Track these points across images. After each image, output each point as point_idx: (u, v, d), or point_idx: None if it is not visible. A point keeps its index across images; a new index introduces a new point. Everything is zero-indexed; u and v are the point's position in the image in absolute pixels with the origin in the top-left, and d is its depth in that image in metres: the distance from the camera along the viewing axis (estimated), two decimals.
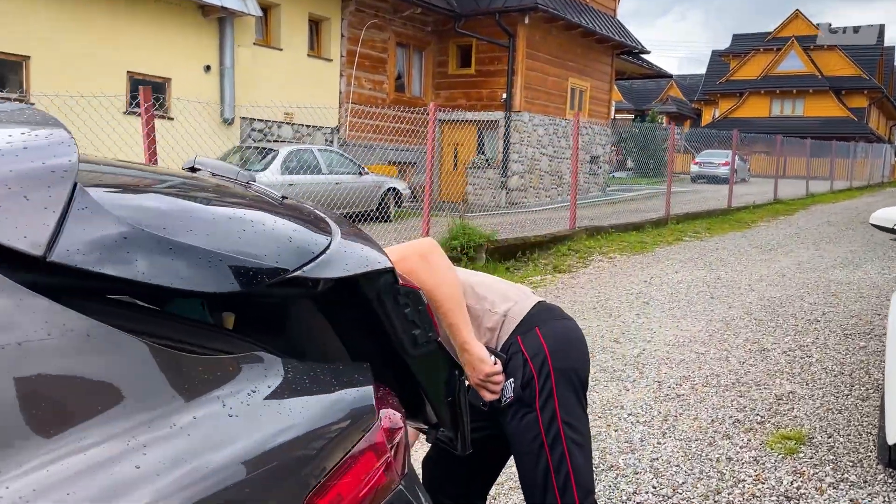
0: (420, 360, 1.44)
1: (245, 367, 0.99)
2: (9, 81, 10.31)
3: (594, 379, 4.68)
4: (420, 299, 1.35)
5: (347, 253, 1.21)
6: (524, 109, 17.35)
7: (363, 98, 15.97)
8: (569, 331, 2.06)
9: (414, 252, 1.86)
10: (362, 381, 1.15)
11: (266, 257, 1.06)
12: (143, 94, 5.28)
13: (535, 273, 8.51)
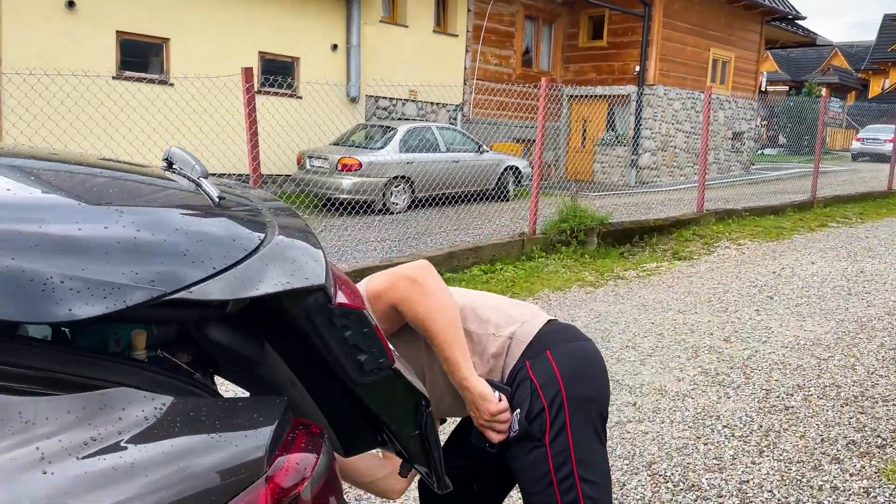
0: (372, 390, 1.27)
1: (88, 409, 0.86)
2: (151, 63, 10.98)
3: (691, 382, 4.30)
4: (364, 321, 1.18)
5: (267, 268, 1.06)
6: (658, 83, 16.45)
7: (488, 74, 15.74)
8: (586, 353, 1.81)
9: (402, 277, 1.67)
10: (261, 422, 1.00)
11: (136, 276, 0.92)
12: (244, 74, 5.38)
13: (651, 259, 8.03)
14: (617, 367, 4.55)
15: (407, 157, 10.88)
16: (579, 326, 5.29)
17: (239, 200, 1.31)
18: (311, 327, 1.14)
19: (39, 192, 1.12)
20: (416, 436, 1.40)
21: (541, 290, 6.64)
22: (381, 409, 1.34)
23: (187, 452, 0.89)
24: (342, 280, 1.29)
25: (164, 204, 1.20)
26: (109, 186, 1.22)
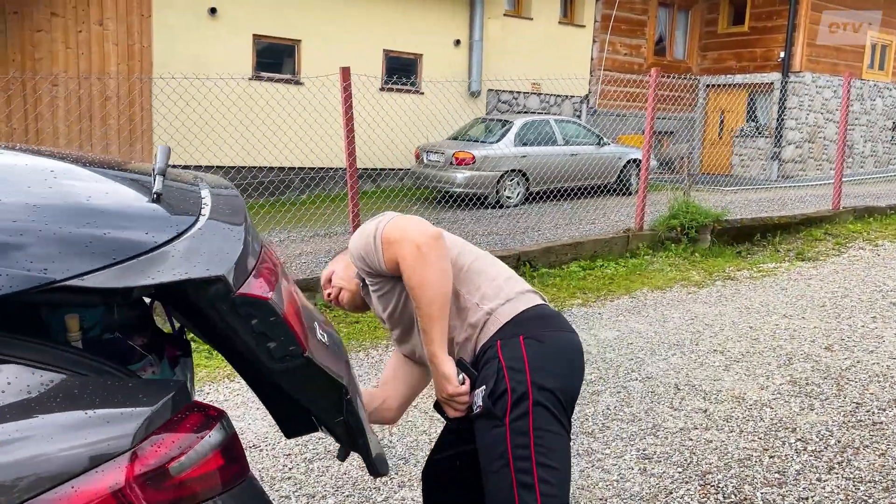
0: (286, 376, 1.35)
1: None
2: (284, 64, 11.66)
3: (775, 392, 4.06)
4: (269, 310, 1.26)
5: (172, 259, 1.16)
6: (806, 69, 15.32)
7: (617, 64, 15.34)
8: (560, 343, 1.81)
9: (411, 240, 1.72)
10: (142, 402, 1.11)
11: (29, 264, 1.06)
12: (342, 74, 5.62)
13: (771, 259, 7.55)
14: (697, 372, 4.37)
15: (521, 151, 10.86)
16: (670, 328, 5.17)
17: (182, 195, 1.38)
18: (217, 316, 1.24)
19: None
20: (340, 422, 1.48)
21: (639, 288, 6.46)
22: (300, 395, 1.42)
23: (54, 426, 1.02)
24: (267, 268, 1.37)
25: (90, 199, 1.30)
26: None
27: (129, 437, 1.05)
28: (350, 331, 5.21)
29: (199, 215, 1.28)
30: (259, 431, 3.64)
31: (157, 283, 1.13)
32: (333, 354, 1.48)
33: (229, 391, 4.17)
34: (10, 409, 1.01)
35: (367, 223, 1.87)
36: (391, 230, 1.77)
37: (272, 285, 1.31)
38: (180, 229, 1.20)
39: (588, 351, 4.76)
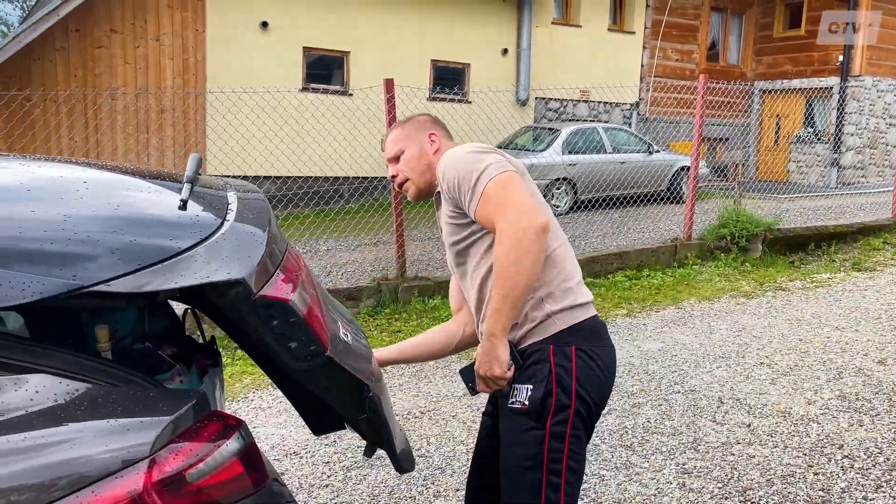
0: (308, 375, 1.38)
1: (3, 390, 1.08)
2: (333, 75, 11.86)
3: (823, 407, 3.94)
4: (290, 311, 1.29)
5: (195, 264, 1.21)
6: (866, 73, 14.85)
7: (668, 70, 15.13)
8: (605, 359, 1.87)
9: (518, 219, 1.67)
10: (162, 412, 1.16)
11: (59, 270, 1.12)
12: (386, 86, 5.71)
13: (825, 269, 7.33)
14: (742, 385, 4.28)
15: (570, 159, 10.79)
16: (716, 339, 5.08)
17: (209, 200, 1.42)
18: (239, 317, 1.29)
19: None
20: (364, 419, 1.51)
21: (687, 298, 6.35)
22: (323, 393, 1.46)
23: (77, 433, 1.08)
24: (289, 270, 1.40)
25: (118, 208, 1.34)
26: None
27: (149, 445, 1.10)
28: (392, 340, 5.26)
29: (223, 220, 1.32)
30: (300, 439, 3.71)
31: (180, 287, 1.18)
32: (357, 353, 1.50)
33: (272, 398, 4.26)
34: (36, 417, 1.07)
35: (465, 149, 1.83)
36: (499, 189, 1.71)
37: (294, 287, 1.34)
38: (204, 234, 1.25)
39: (631, 363, 4.70)
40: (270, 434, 3.76)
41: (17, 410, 1.06)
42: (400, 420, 3.83)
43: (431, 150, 2.00)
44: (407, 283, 6.00)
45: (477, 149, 1.83)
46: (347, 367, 1.42)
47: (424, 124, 2.04)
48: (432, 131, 2.03)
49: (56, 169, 1.49)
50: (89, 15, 9.59)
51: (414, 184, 2.01)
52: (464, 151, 1.83)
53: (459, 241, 1.90)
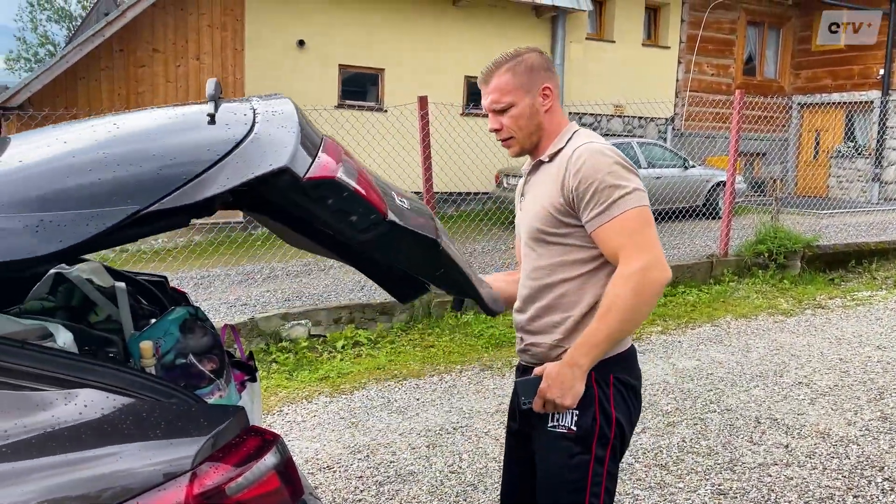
0: (376, 244, 1.41)
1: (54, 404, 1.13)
2: (369, 92, 12.01)
3: (864, 428, 3.86)
4: (339, 187, 1.30)
5: (237, 165, 1.24)
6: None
7: (704, 85, 15.01)
8: (638, 388, 1.90)
9: (652, 267, 1.64)
10: (203, 427, 1.20)
11: (114, 201, 1.17)
12: (420, 103, 5.78)
13: (866, 287, 7.18)
14: (780, 405, 4.21)
15: None
16: (753, 358, 5.02)
17: (236, 111, 1.44)
18: (295, 206, 1.32)
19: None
20: (441, 274, 1.54)
21: (723, 315, 6.27)
22: (396, 259, 1.50)
23: (122, 447, 1.12)
24: (330, 150, 1.39)
25: (152, 138, 1.38)
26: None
27: (190, 459, 1.13)
28: (424, 355, 5.29)
29: (253, 123, 1.34)
30: (333, 453, 3.74)
31: (230, 188, 1.21)
32: (416, 213, 1.50)
33: (307, 412, 4.31)
34: (84, 430, 1.12)
35: (610, 154, 1.71)
36: (637, 225, 1.65)
37: (337, 164, 1.34)
38: (238, 138, 1.28)
39: (666, 381, 4.66)
40: (304, 448, 3.80)
41: (67, 424, 1.11)
42: (431, 436, 3.86)
43: (544, 108, 1.82)
44: (439, 298, 6.03)
45: (624, 161, 1.72)
46: (411, 227, 1.43)
47: (539, 73, 1.81)
48: (547, 84, 1.82)
49: (86, 123, 1.55)
50: (133, 35, 9.87)
51: (519, 143, 1.84)
52: (610, 158, 1.70)
53: (547, 233, 1.79)
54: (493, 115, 1.84)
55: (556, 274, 1.80)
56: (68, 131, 1.48)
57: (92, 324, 1.81)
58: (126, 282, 1.95)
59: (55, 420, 1.10)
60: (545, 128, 1.82)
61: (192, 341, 1.57)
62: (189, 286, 7.08)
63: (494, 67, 1.82)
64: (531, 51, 1.85)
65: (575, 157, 1.71)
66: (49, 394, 1.14)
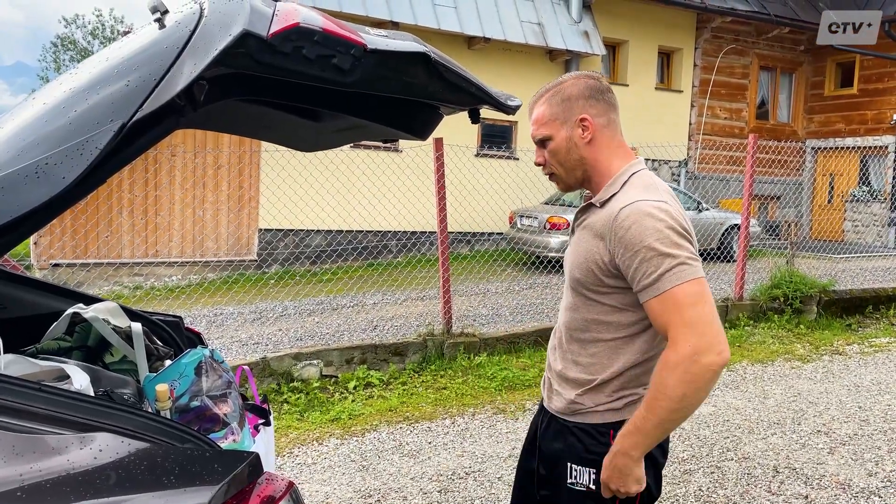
0: (370, 82, 1.37)
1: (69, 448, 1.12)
2: None
3: (885, 479, 3.77)
4: (307, 31, 1.27)
5: (202, 46, 1.22)
6: None
7: (717, 128, 15.08)
8: (662, 462, 1.78)
9: (706, 350, 1.47)
10: (218, 473, 1.19)
11: (96, 124, 1.17)
12: (435, 145, 5.84)
13: (885, 333, 7.08)
14: (799, 454, 4.12)
15: None
16: (772, 404, 4.94)
17: (182, 12, 1.38)
18: (274, 69, 1.28)
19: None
20: (445, 88, 1.51)
21: (738, 361, 6.19)
22: (396, 89, 1.45)
23: (137, 493, 1.11)
24: (284, 7, 1.34)
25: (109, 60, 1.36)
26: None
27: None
28: (437, 397, 5.24)
29: (201, 11, 1.31)
30: (343, 497, 3.69)
31: (201, 72, 1.19)
32: (395, 37, 1.47)
33: (317, 454, 4.26)
34: (99, 475, 1.11)
35: (659, 215, 1.54)
36: (691, 301, 1.50)
37: (295, 14, 1.30)
38: (192, 27, 1.26)
39: (681, 427, 4.59)
40: (315, 491, 3.75)
41: (82, 468, 1.10)
42: (443, 480, 3.80)
43: (583, 140, 1.70)
44: (453, 340, 6.00)
45: (677, 225, 1.55)
46: (396, 49, 1.39)
47: (576, 102, 1.69)
48: (584, 115, 1.68)
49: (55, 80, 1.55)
50: None
51: (562, 180, 1.75)
52: (660, 222, 1.54)
53: (587, 288, 1.68)
54: (538, 148, 1.76)
55: (590, 331, 1.70)
56: (38, 91, 1.50)
57: (107, 364, 1.81)
58: (141, 322, 1.96)
59: (70, 465, 1.09)
60: (589, 162, 1.70)
61: (207, 384, 1.56)
62: (201, 324, 7.09)
63: (537, 97, 1.75)
64: (576, 77, 1.73)
65: (621, 218, 1.57)
66: (65, 437, 1.14)
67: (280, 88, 1.48)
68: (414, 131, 1.82)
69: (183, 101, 1.23)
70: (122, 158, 1.23)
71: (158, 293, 8.59)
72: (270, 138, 2.17)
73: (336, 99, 1.54)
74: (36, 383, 1.20)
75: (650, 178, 1.69)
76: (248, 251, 11.01)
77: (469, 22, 12.09)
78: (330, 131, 2.06)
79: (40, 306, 2.06)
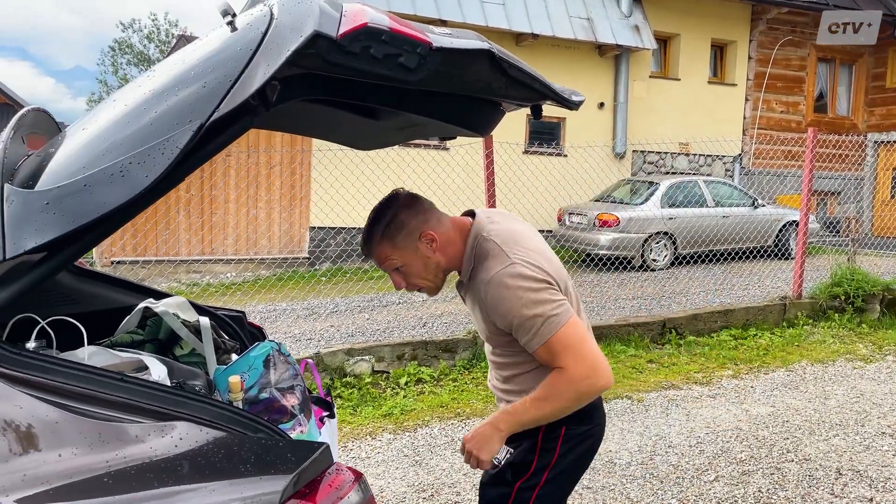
0: (435, 79, 1.39)
1: (152, 436, 1.16)
2: None
3: None
4: (375, 32, 1.29)
5: (272, 49, 1.24)
6: None
7: (772, 122, 14.71)
8: (590, 442, 1.93)
9: (588, 377, 1.71)
10: (291, 462, 1.22)
11: (175, 125, 1.20)
12: (485, 142, 5.84)
13: None
14: (863, 456, 4.00)
15: (669, 213, 10.58)
16: (832, 405, 4.81)
17: (252, 15, 1.40)
18: (343, 69, 1.31)
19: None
20: (507, 84, 1.52)
21: (798, 360, 6.04)
22: (459, 86, 1.49)
23: (216, 480, 1.15)
24: (352, 9, 1.37)
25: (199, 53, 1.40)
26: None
27: (279, 494, 1.15)
28: (487, 394, 5.25)
29: (271, 13, 1.32)
30: (398, 491, 3.73)
31: (274, 73, 1.22)
32: (459, 35, 1.48)
33: (371, 448, 4.32)
34: (179, 463, 1.15)
35: (511, 278, 1.71)
36: (568, 342, 1.71)
37: (363, 14, 1.32)
38: (264, 29, 1.27)
39: (738, 427, 4.50)
40: (370, 485, 3.80)
41: (163, 456, 1.14)
42: None
43: (433, 251, 1.81)
44: None
45: (530, 283, 1.71)
46: (460, 46, 1.41)
47: (414, 230, 1.79)
48: (424, 230, 1.79)
49: (132, 83, 1.59)
50: None
51: (430, 290, 1.89)
52: (516, 290, 1.71)
53: (496, 341, 1.88)
54: (392, 273, 1.84)
55: (510, 369, 1.89)
56: (118, 93, 1.54)
57: (177, 357, 1.87)
58: (208, 316, 2.01)
59: (153, 452, 1.14)
60: (445, 265, 1.85)
61: (276, 376, 1.60)
62: (256, 320, 7.22)
63: (368, 237, 1.81)
64: (397, 206, 1.81)
65: (487, 297, 1.75)
66: (147, 426, 1.18)
67: (345, 87, 1.50)
68: (475, 128, 1.83)
69: (256, 102, 1.26)
70: (199, 158, 1.26)
71: (215, 290, 8.80)
72: (331, 137, 2.21)
73: (399, 97, 1.56)
74: (119, 374, 1.25)
75: (489, 235, 1.82)
76: (299, 249, 11.19)
77: (517, 18, 12.04)
78: (390, 129, 2.08)
79: (111, 301, 2.13)
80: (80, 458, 1.10)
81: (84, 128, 1.37)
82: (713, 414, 4.74)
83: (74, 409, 1.15)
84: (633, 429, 4.48)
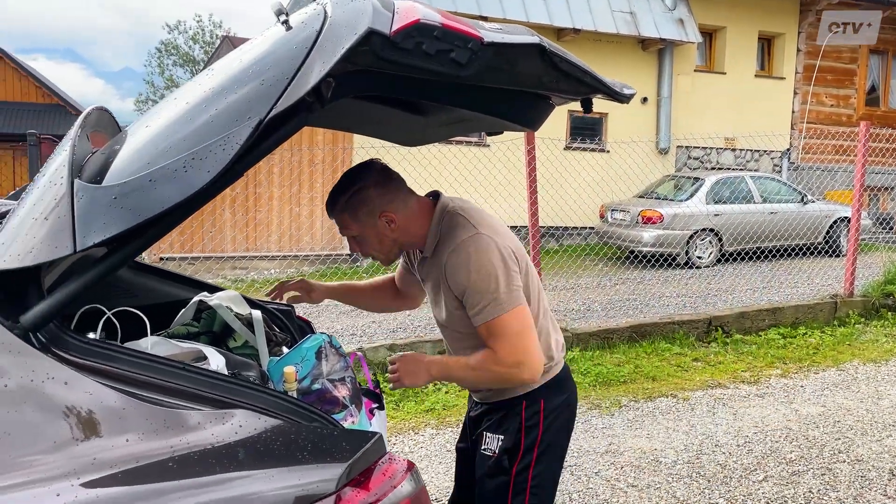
0: (487, 73, 1.40)
1: (213, 423, 1.20)
2: None
3: None
4: (428, 27, 1.30)
5: (328, 45, 1.26)
6: None
7: (822, 116, 14.34)
8: (569, 410, 2.03)
9: (521, 368, 1.81)
10: (346, 451, 1.24)
11: (235, 121, 1.22)
12: (527, 137, 5.83)
13: None
14: None
15: (714, 209, 10.40)
16: (885, 406, 4.70)
17: (307, 13, 1.41)
18: (397, 65, 1.32)
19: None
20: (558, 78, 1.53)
21: (850, 360, 5.89)
22: (511, 82, 1.50)
23: (273, 466, 1.18)
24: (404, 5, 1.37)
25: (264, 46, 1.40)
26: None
27: (334, 482, 1.18)
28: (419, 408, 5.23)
29: (325, 12, 1.33)
30: (441, 485, 3.75)
31: (329, 70, 1.23)
32: (510, 31, 1.49)
33: (414, 443, 4.35)
34: (239, 449, 1.18)
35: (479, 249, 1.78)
36: (510, 330, 1.78)
37: (416, 11, 1.33)
38: (319, 27, 1.28)
39: (788, 427, 4.42)
40: None
41: (224, 442, 1.18)
42: None
43: (390, 231, 1.87)
44: None
45: (491, 248, 1.78)
46: (511, 41, 1.42)
47: (375, 208, 1.84)
48: (385, 210, 1.84)
49: (191, 81, 1.63)
50: None
51: (381, 260, 1.95)
52: (475, 251, 1.77)
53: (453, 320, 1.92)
54: (349, 239, 1.93)
55: (466, 340, 1.93)
56: (178, 91, 1.57)
57: (231, 349, 1.91)
58: (259, 310, 2.05)
59: (214, 438, 1.17)
60: (404, 240, 1.91)
61: (327, 367, 1.63)
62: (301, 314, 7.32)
63: (332, 202, 1.87)
64: (365, 180, 1.84)
65: (449, 262, 1.80)
66: (207, 413, 1.22)
67: (397, 84, 1.52)
68: (525, 122, 1.84)
69: (312, 98, 1.28)
70: (256, 155, 1.29)
71: (259, 286, 8.94)
72: (379, 134, 2.23)
73: (450, 92, 1.57)
74: (180, 363, 1.29)
75: (457, 210, 1.90)
76: (341, 246, 11.30)
77: (558, 13, 11.96)
78: (437, 125, 2.10)
79: (167, 294, 2.19)
80: (144, 443, 1.13)
81: (147, 125, 1.41)
82: (761, 413, 4.66)
83: (139, 396, 1.19)
84: (679, 427, 4.43)
